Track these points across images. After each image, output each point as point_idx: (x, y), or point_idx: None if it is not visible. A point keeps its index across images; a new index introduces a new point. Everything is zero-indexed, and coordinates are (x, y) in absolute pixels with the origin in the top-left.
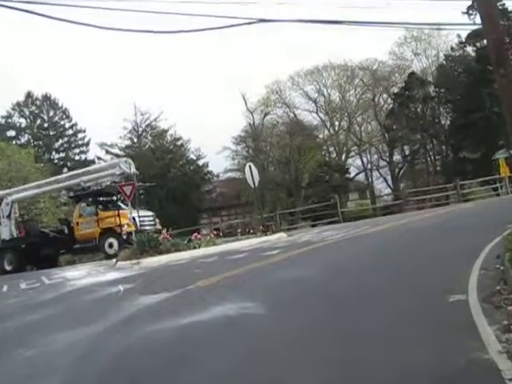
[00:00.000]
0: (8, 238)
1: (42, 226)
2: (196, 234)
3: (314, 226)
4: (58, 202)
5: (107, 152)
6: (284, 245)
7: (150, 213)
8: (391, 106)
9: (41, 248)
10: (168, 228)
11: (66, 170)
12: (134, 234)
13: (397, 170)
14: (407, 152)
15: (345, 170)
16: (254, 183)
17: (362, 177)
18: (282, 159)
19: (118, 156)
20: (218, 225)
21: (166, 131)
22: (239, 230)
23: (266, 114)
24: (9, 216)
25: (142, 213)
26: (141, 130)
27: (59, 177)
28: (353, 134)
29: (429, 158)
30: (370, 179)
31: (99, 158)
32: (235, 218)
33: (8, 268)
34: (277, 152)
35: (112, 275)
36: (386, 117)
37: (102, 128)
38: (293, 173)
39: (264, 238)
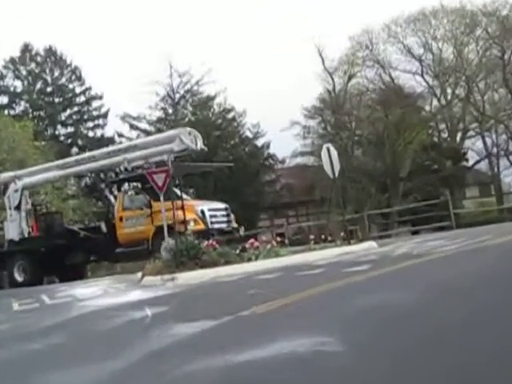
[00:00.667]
0: (17, 237)
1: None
2: (252, 240)
3: (415, 232)
4: (65, 194)
5: (132, 127)
6: (373, 258)
7: (223, 205)
8: None
9: (67, 252)
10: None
11: (75, 149)
12: (201, 234)
13: None
14: None
15: (461, 155)
16: (333, 172)
17: (484, 166)
18: (372, 139)
19: (146, 133)
20: (282, 228)
21: (212, 99)
22: (312, 237)
23: (350, 77)
24: (18, 207)
25: (212, 205)
26: (178, 97)
27: (92, 154)
28: (472, 106)
29: None
30: (495, 169)
31: (120, 135)
32: (306, 219)
33: (20, 279)
34: (366, 129)
35: (136, 295)
36: None
37: (125, 96)
38: (388, 158)
39: (346, 249)
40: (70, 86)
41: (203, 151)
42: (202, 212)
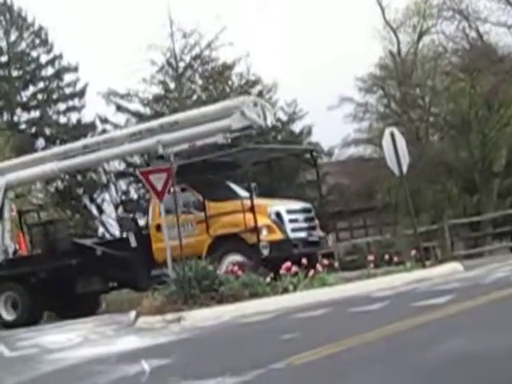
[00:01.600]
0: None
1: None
2: (288, 264)
3: None
4: (28, 203)
5: (119, 108)
6: (457, 286)
7: (305, 204)
8: None
9: (78, 278)
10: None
11: (41, 142)
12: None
13: None
14: None
15: None
16: (399, 167)
17: None
18: (454, 120)
19: (139, 116)
20: (330, 246)
21: (229, 68)
22: (371, 258)
23: (421, 34)
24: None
25: (290, 204)
26: (182, 66)
27: (109, 136)
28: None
29: None
30: None
31: (104, 121)
32: (364, 233)
33: (8, 317)
34: (445, 106)
35: (129, 342)
36: None
37: (109, 66)
38: (476, 147)
39: (419, 274)
40: (34, 54)
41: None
42: (278, 215)
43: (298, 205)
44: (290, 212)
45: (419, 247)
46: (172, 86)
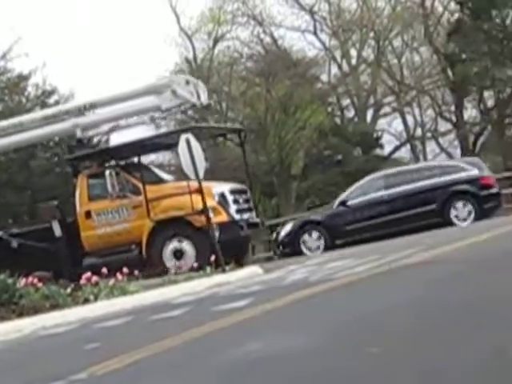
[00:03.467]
0: None
1: None
2: (88, 274)
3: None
4: None
5: None
6: (257, 289)
7: (242, 186)
8: (456, 16)
9: None
10: None
11: None
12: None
13: (472, 138)
14: (491, 103)
15: (373, 141)
16: (195, 172)
17: (405, 152)
18: (251, 125)
19: None
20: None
21: (25, 78)
22: (175, 264)
23: (216, 40)
24: None
25: (229, 186)
26: None
27: (18, 120)
28: (386, 72)
29: None
30: (421, 156)
31: None
32: None
33: None
34: (241, 111)
35: None
36: (447, 37)
37: None
38: (273, 151)
39: (220, 278)
40: None
41: (210, 107)
42: (223, 196)
43: (237, 186)
44: (232, 193)
45: (218, 252)
46: None
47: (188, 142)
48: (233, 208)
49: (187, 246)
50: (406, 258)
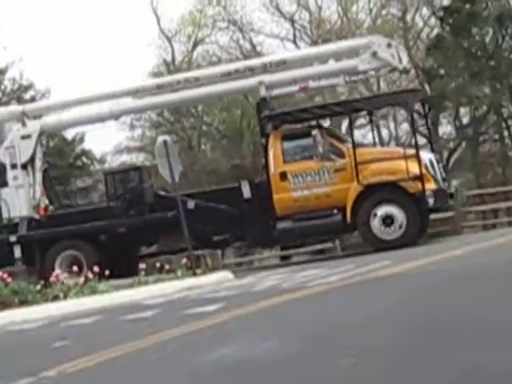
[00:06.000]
0: (29, 211)
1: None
2: (58, 272)
3: (285, 257)
4: None
5: None
6: (228, 294)
7: (437, 155)
8: (436, 31)
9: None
10: None
11: None
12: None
13: (446, 154)
14: (466, 119)
15: None
16: (171, 175)
17: None
18: (226, 130)
19: None
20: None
21: (2, 72)
22: (143, 266)
23: (196, 44)
24: (31, 164)
25: (431, 153)
26: None
27: (193, 75)
28: (362, 83)
29: (507, 132)
30: None
31: None
32: None
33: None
34: (217, 116)
35: None
36: (426, 52)
37: None
38: (251, 155)
39: (190, 282)
40: None
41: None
42: (431, 163)
43: (436, 155)
44: (437, 161)
45: (190, 255)
46: None
47: (165, 143)
48: (439, 176)
49: (399, 213)
50: (380, 269)
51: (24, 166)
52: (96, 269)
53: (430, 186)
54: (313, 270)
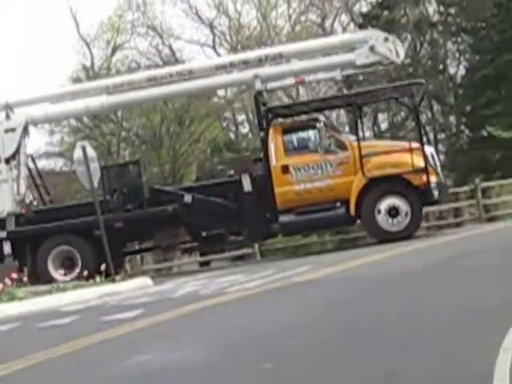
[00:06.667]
0: (12, 206)
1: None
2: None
3: (204, 263)
4: None
5: None
6: (147, 301)
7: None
8: None
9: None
10: None
11: None
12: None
13: None
14: (384, 126)
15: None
16: (90, 181)
17: None
18: (146, 135)
19: None
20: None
21: None
22: (61, 273)
23: (115, 49)
24: (15, 159)
25: (427, 147)
26: None
27: (187, 67)
28: (283, 91)
29: (425, 138)
30: None
31: None
32: None
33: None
34: (137, 121)
35: None
36: None
37: None
38: (166, 162)
39: (110, 288)
40: None
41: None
42: (433, 157)
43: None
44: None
45: (108, 262)
46: None
47: (84, 149)
48: (439, 169)
49: (403, 205)
50: (300, 274)
51: (7, 161)
52: (14, 275)
53: (434, 178)
54: (231, 275)
